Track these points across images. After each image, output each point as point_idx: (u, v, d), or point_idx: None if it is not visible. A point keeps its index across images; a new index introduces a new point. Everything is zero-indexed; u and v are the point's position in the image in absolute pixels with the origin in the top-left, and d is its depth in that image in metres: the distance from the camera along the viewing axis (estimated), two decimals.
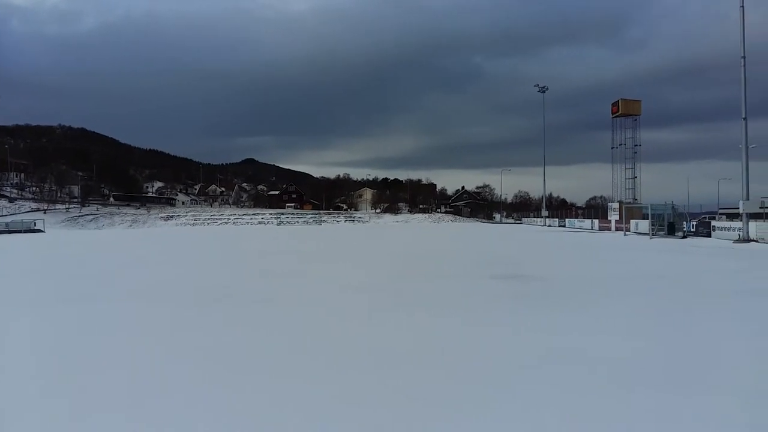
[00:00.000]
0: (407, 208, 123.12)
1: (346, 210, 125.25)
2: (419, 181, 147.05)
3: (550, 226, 74.81)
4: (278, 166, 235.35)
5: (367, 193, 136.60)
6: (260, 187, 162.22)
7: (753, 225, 29.82)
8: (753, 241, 28.66)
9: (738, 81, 29.77)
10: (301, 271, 15.36)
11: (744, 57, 29.47)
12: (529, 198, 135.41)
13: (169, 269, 16.70)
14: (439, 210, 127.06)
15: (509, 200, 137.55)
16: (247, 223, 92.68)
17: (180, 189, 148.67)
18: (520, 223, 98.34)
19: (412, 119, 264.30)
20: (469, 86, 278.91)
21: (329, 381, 5.07)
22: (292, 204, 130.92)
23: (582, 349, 6.20)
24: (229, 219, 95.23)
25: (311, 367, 5.51)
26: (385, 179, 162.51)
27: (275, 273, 14.94)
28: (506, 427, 3.98)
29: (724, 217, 53.10)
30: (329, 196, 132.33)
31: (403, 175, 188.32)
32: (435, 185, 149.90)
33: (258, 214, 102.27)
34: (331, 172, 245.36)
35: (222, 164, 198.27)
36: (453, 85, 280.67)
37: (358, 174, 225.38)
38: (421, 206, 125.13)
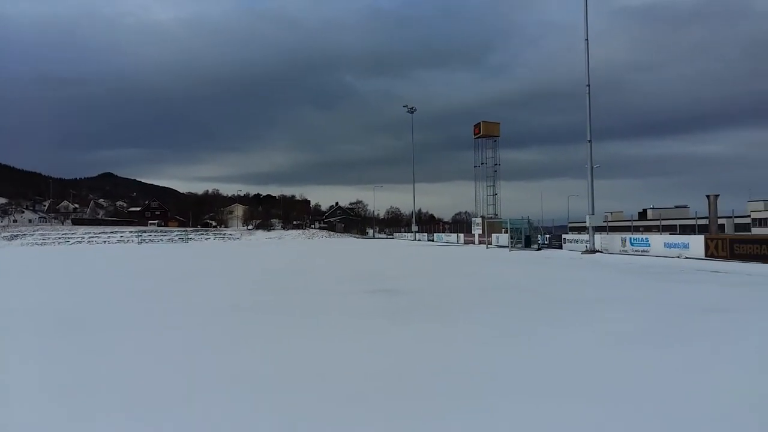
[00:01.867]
0: (280, 224, 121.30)
1: (215, 227, 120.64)
2: (293, 197, 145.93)
3: (419, 240, 77.34)
4: (140, 181, 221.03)
5: (238, 210, 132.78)
6: (119, 203, 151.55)
7: (598, 237, 32.83)
8: (598, 251, 31.49)
9: (585, 107, 32.72)
10: (170, 291, 14.33)
11: (588, 85, 32.52)
12: (400, 213, 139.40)
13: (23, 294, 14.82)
14: (313, 226, 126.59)
15: (381, 216, 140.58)
16: (104, 242, 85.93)
17: (27, 206, 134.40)
18: (392, 238, 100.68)
19: (285, 135, 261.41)
20: (341, 104, 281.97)
21: (189, 407, 4.62)
22: (156, 221, 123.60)
23: (445, 359, 6.25)
24: (83, 238, 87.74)
25: (173, 394, 5.01)
26: (257, 195, 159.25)
27: (137, 292, 13.81)
28: None
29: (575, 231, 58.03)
30: (197, 213, 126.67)
31: (276, 191, 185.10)
32: (309, 201, 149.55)
33: (117, 232, 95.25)
34: (199, 188, 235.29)
35: (76, 179, 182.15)
36: (326, 103, 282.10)
37: (228, 190, 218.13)
38: (294, 222, 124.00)
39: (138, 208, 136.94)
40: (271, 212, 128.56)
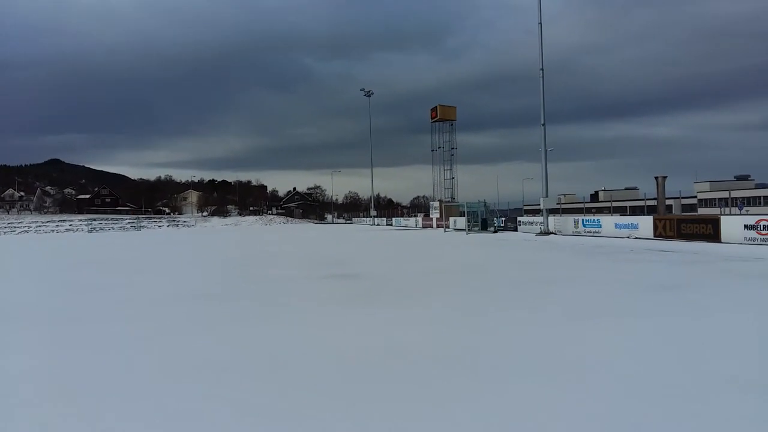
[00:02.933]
0: (237, 210, 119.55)
1: (169, 214, 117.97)
2: (249, 182, 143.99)
3: (378, 225, 77.53)
4: (90, 168, 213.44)
5: (193, 196, 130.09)
6: (68, 190, 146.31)
7: (552, 219, 33.61)
8: (552, 233, 32.25)
9: (540, 90, 33.18)
10: (124, 282, 13.98)
11: (542, 69, 33.00)
12: (359, 198, 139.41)
13: None
14: (270, 212, 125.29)
15: (340, 201, 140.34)
16: (53, 231, 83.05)
17: None
18: (351, 223, 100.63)
19: (241, 118, 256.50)
20: (299, 87, 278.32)
21: (152, 396, 4.55)
22: (107, 209, 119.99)
23: (409, 342, 6.33)
24: (30, 227, 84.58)
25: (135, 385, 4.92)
26: (212, 181, 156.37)
27: (82, 286, 13.43)
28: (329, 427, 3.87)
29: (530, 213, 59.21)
30: (150, 200, 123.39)
31: (231, 176, 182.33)
32: (266, 186, 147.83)
33: (65, 220, 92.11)
34: (151, 174, 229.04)
35: (21, 166, 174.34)
36: (284, 86, 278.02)
37: (182, 175, 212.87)
38: (251, 208, 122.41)
39: (87, 196, 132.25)
40: (227, 198, 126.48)
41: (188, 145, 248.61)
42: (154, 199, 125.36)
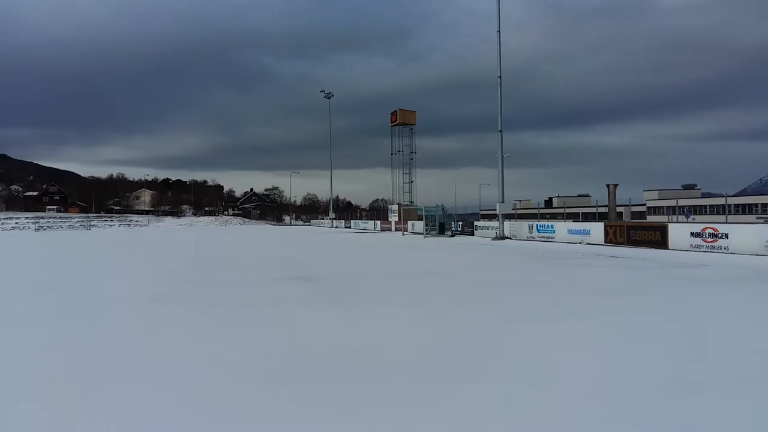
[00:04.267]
0: (192, 210, 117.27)
1: (121, 213, 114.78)
2: (205, 182, 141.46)
3: (337, 227, 77.34)
4: (38, 164, 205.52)
5: (146, 195, 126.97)
6: (14, 187, 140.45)
7: (507, 224, 34.20)
8: (507, 238, 32.81)
9: (497, 97, 33.71)
10: (73, 281, 13.51)
11: (500, 77, 33.58)
12: (318, 200, 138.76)
13: None
14: (226, 212, 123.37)
15: (298, 202, 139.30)
16: None
17: None
18: (309, 225, 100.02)
19: (198, 116, 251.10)
20: (259, 86, 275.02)
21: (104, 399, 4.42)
22: (55, 207, 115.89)
23: (366, 347, 6.34)
24: None
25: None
26: (167, 180, 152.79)
27: (31, 284, 12.94)
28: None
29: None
30: (100, 198, 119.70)
31: (187, 175, 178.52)
32: (222, 187, 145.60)
33: (11, 218, 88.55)
34: (103, 171, 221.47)
35: None
36: (242, 84, 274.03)
37: (135, 174, 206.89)
38: (207, 209, 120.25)
39: (35, 193, 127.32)
40: (182, 198, 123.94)
41: (142, 143, 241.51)
42: (105, 198, 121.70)
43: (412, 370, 5.27)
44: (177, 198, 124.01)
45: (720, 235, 19.95)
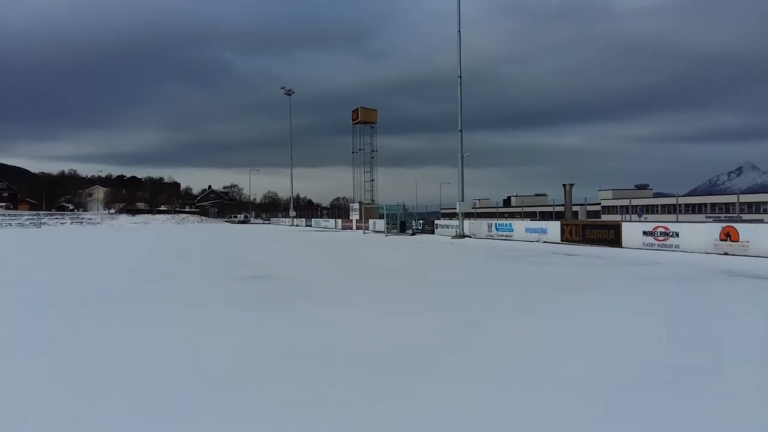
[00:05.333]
0: (147, 208, 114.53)
1: (72, 210, 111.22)
2: (161, 179, 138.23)
3: (297, 225, 76.71)
4: None
5: (99, 192, 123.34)
6: None
7: (467, 223, 34.54)
8: (467, 236, 33.14)
9: (463, 95, 33.99)
10: (20, 281, 12.96)
11: (460, 77, 33.86)
12: (278, 198, 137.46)
13: None
14: (183, 210, 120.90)
15: (258, 200, 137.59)
16: None
17: None
18: (269, 223, 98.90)
19: (155, 111, 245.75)
20: (218, 81, 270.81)
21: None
22: (4, 204, 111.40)
23: (326, 346, 6.27)
24: None
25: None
26: (121, 176, 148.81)
27: None
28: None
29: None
30: (51, 195, 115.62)
31: (142, 172, 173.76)
32: (179, 184, 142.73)
33: None
34: (54, 168, 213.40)
35: None
36: (202, 79, 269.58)
37: (88, 170, 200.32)
38: (163, 206, 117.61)
39: None
40: (137, 195, 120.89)
41: (96, 138, 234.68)
42: (56, 195, 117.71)
43: (371, 370, 5.23)
44: (132, 195, 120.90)
45: (671, 233, 20.59)
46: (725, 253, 18.05)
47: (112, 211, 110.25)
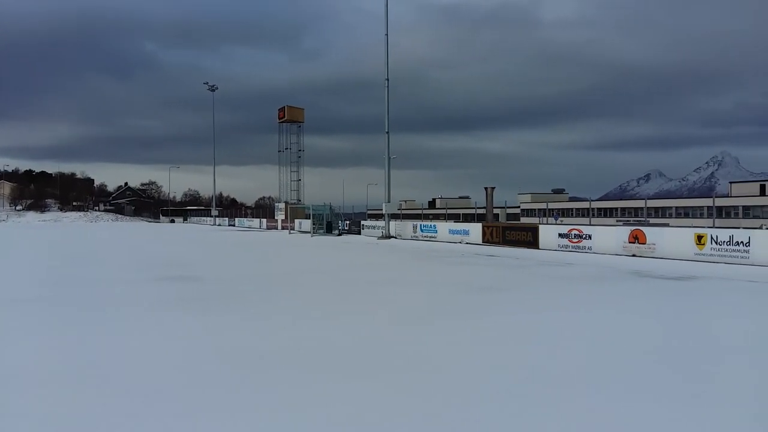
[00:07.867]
0: (57, 205, 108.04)
1: None
2: (73, 175, 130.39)
3: (220, 225, 74.75)
4: None
5: (5, 187, 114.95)
6: None
7: (393, 224, 34.89)
8: (393, 237, 33.48)
9: (390, 98, 34.28)
10: None
11: (387, 79, 34.14)
12: (200, 196, 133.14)
13: None
14: (97, 208, 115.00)
15: (178, 198, 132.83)
16: None
17: None
18: (189, 222, 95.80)
19: (68, 103, 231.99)
20: (139, 74, 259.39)
21: None
22: None
23: (249, 347, 6.18)
24: None
25: None
26: (30, 171, 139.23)
27: None
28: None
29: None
30: None
31: (53, 167, 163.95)
32: (93, 180, 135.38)
33: None
34: None
35: None
36: (121, 71, 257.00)
37: None
38: (75, 204, 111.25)
39: None
40: (47, 192, 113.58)
41: (2, 131, 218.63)
42: None
43: (294, 369, 5.21)
44: (41, 191, 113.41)
45: (584, 236, 21.68)
46: (633, 255, 19.17)
47: (19, 207, 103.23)
